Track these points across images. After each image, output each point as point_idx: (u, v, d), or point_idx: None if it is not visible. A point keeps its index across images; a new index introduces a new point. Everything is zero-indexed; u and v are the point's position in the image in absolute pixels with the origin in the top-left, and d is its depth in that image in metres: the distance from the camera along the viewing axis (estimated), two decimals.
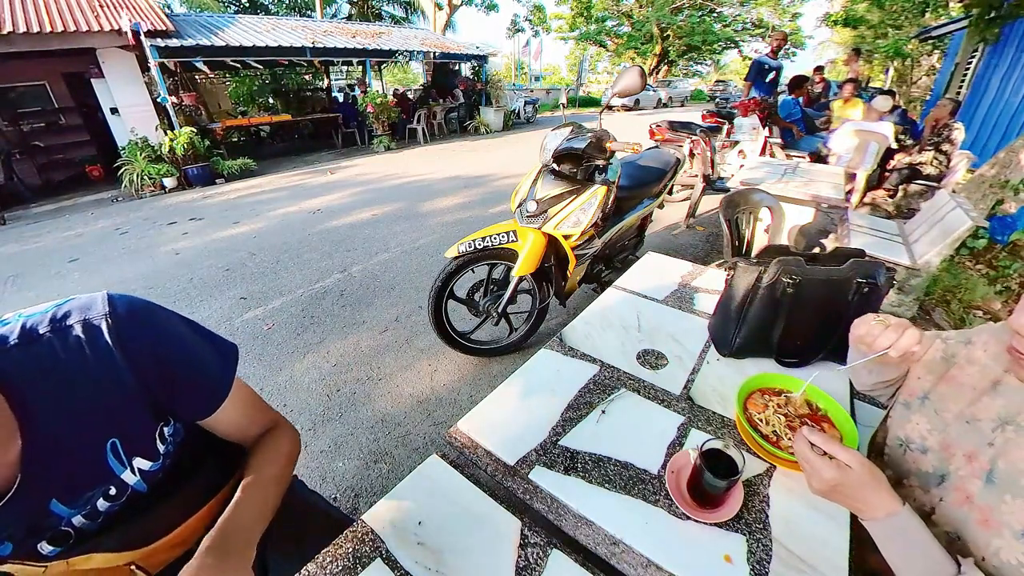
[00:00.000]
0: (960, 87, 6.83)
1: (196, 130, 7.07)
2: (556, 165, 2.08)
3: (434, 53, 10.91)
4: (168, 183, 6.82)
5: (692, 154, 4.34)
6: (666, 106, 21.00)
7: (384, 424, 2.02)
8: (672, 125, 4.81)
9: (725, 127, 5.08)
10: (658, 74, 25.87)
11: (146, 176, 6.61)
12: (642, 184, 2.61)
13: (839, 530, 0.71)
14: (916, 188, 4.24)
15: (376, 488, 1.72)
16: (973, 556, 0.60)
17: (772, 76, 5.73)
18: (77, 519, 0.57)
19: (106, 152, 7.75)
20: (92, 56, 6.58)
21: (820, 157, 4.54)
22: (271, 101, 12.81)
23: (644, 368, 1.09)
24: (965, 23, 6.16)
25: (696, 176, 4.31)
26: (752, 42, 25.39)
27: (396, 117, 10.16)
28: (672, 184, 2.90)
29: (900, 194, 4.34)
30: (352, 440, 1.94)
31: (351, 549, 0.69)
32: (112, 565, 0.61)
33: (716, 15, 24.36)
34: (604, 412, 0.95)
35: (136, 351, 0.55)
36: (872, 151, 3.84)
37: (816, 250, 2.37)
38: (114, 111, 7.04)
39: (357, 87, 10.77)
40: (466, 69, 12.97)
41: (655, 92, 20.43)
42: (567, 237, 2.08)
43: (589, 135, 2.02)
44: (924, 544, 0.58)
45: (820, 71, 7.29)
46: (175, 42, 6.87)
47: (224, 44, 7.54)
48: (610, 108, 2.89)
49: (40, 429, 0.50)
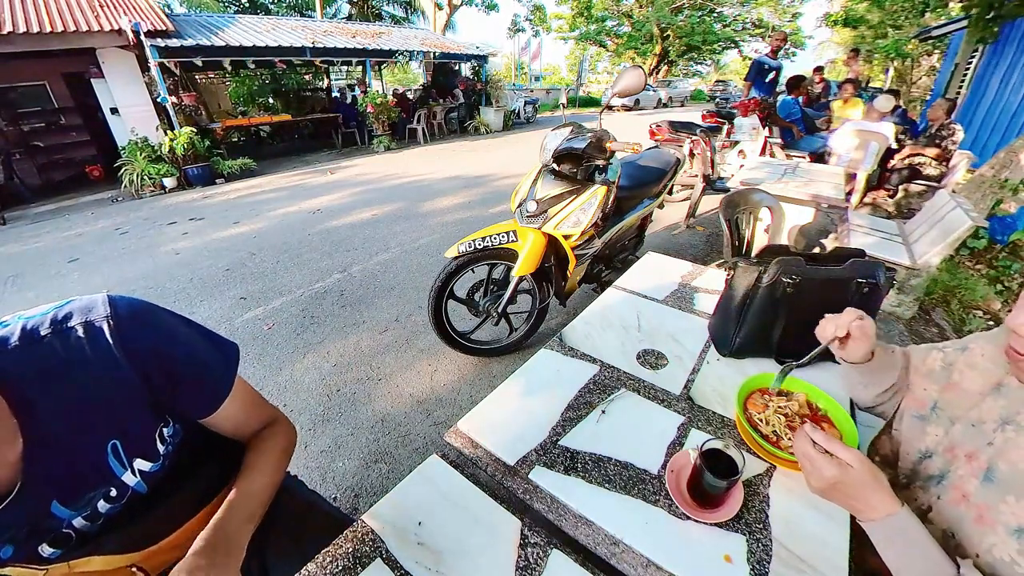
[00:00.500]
0: (960, 87, 6.83)
1: (196, 130, 7.07)
2: (556, 165, 2.08)
3: (434, 53, 10.91)
4: (168, 183, 6.82)
5: (692, 154, 4.34)
6: (666, 106, 21.00)
7: (384, 424, 2.02)
8: (672, 125, 4.81)
9: (725, 127, 5.08)
10: (658, 74, 25.87)
11: (146, 176, 6.61)
12: (642, 184, 2.61)
13: (839, 530, 0.71)
14: (916, 188, 4.25)
15: (376, 488, 1.72)
16: (968, 553, 0.60)
17: (772, 76, 5.73)
18: (78, 521, 0.57)
19: (106, 152, 7.74)
20: (92, 56, 6.58)
21: (820, 157, 4.54)
22: (271, 101, 12.80)
23: (644, 368, 1.09)
24: (965, 23, 6.16)
25: (696, 176, 4.30)
26: (752, 42, 25.41)
27: (396, 117, 10.17)
28: (672, 184, 2.90)
29: (900, 194, 4.35)
30: (352, 440, 1.94)
31: (351, 549, 0.69)
32: (113, 567, 0.61)
33: (716, 15, 24.36)
34: (604, 412, 0.95)
35: (137, 352, 0.55)
36: (872, 151, 3.85)
37: (816, 250, 2.37)
38: (114, 111, 7.04)
39: (357, 87, 10.77)
40: (466, 69, 12.96)
41: (655, 92, 20.43)
42: (567, 237, 2.08)
43: (589, 135, 2.01)
44: (923, 545, 0.58)
45: (820, 71, 7.29)
46: (175, 42, 6.86)
47: (224, 44, 7.54)
48: (610, 108, 2.88)
49: (41, 431, 0.50)
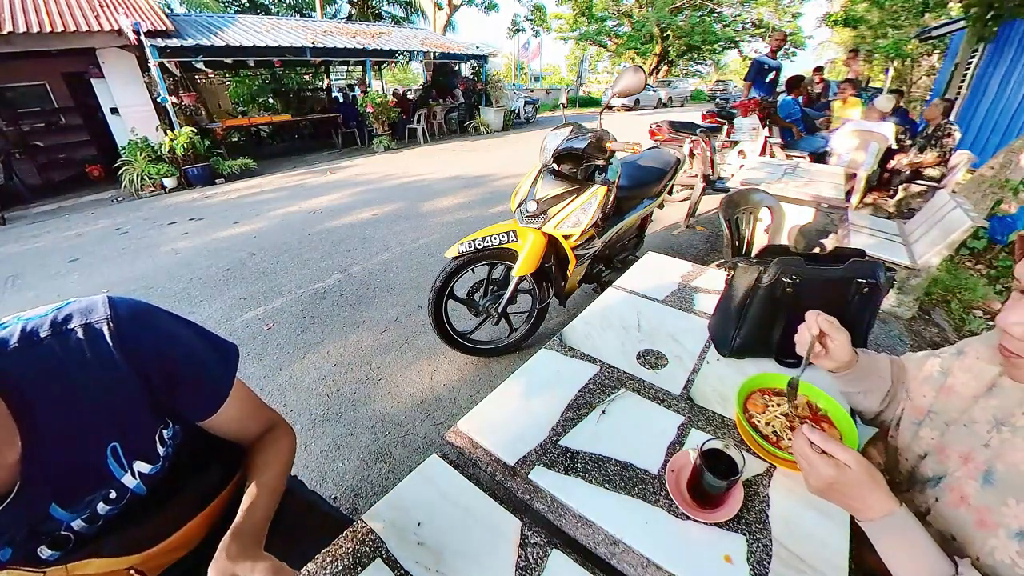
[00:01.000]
0: (960, 87, 6.82)
1: (196, 130, 7.07)
2: (556, 165, 2.08)
3: (434, 53, 10.91)
4: (168, 183, 6.82)
5: (692, 154, 4.34)
6: (666, 106, 21.00)
7: (384, 424, 2.02)
8: (672, 125, 4.82)
9: (725, 127, 5.08)
10: (658, 74, 25.87)
11: (146, 176, 6.61)
12: (642, 184, 2.61)
13: (839, 530, 0.71)
14: (916, 188, 4.25)
15: (376, 488, 1.72)
16: (968, 556, 0.60)
17: (772, 76, 5.73)
18: (77, 523, 0.57)
19: (106, 152, 7.74)
20: (92, 56, 6.58)
21: (820, 157, 4.54)
22: (271, 101, 12.80)
23: (644, 368, 1.09)
24: (965, 23, 6.16)
25: (696, 176, 4.30)
26: (752, 42, 25.42)
27: (396, 117, 10.17)
28: (672, 184, 2.90)
29: (900, 194, 4.35)
30: (352, 440, 1.94)
31: (351, 549, 0.69)
32: (111, 570, 0.61)
33: (716, 15, 24.37)
34: (604, 412, 0.95)
35: (138, 353, 0.55)
36: (872, 151, 3.85)
37: (816, 250, 2.37)
38: (114, 111, 7.04)
39: (357, 87, 10.78)
40: (466, 69, 12.96)
41: (655, 92, 20.43)
42: (567, 237, 2.08)
43: (589, 135, 2.01)
44: (921, 544, 0.58)
45: (820, 71, 7.30)
46: (175, 42, 6.86)
47: (224, 44, 7.54)
48: (610, 108, 2.88)
49: (40, 433, 0.50)
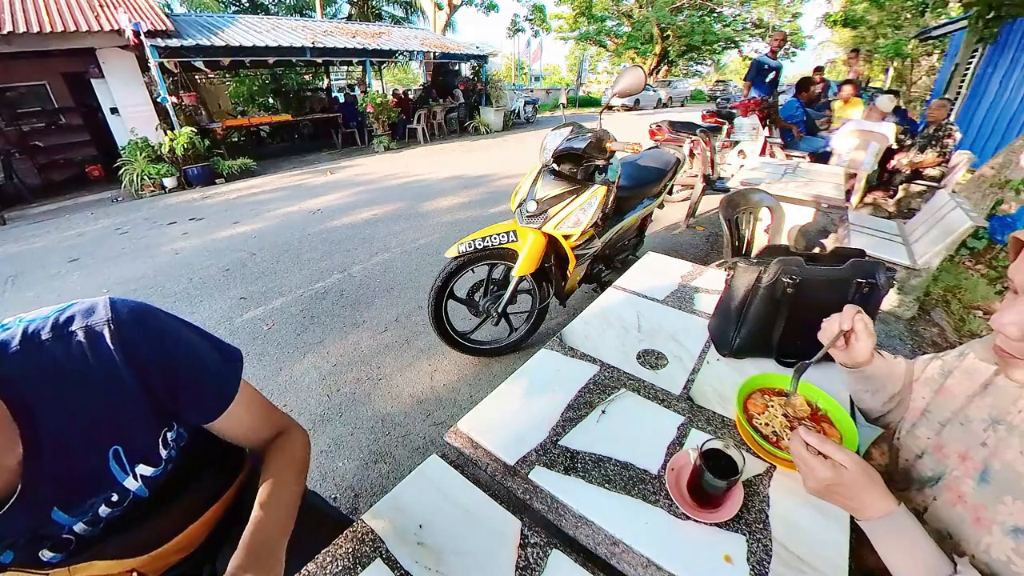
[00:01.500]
0: (960, 87, 6.82)
1: (196, 130, 7.07)
2: (556, 165, 2.08)
3: (434, 53, 10.91)
4: (168, 183, 6.82)
5: (692, 154, 4.34)
6: (666, 106, 21.00)
7: (384, 424, 2.02)
8: (672, 125, 4.81)
9: (725, 127, 5.07)
10: (658, 74, 25.87)
11: (146, 176, 6.61)
12: (642, 184, 2.61)
13: (839, 530, 0.71)
14: (916, 188, 4.25)
15: (376, 488, 1.72)
16: (965, 554, 0.60)
17: (772, 76, 5.72)
18: (78, 526, 0.57)
19: (106, 152, 7.75)
20: (92, 56, 6.58)
21: (820, 157, 4.54)
22: (271, 101, 12.83)
23: (644, 368, 1.09)
24: (965, 23, 6.16)
25: (696, 176, 4.30)
26: (752, 42, 25.43)
27: (396, 117, 10.17)
28: (672, 184, 2.90)
29: (900, 194, 4.35)
30: (352, 440, 1.94)
31: (351, 549, 0.69)
32: (113, 572, 0.61)
33: (716, 15, 24.37)
34: (604, 412, 0.95)
35: (139, 356, 0.55)
36: (873, 151, 3.85)
37: (816, 250, 2.37)
38: (114, 111, 7.05)
39: (357, 87, 10.79)
40: (466, 69, 12.96)
41: (655, 92, 20.43)
42: (567, 237, 2.08)
43: (589, 135, 2.01)
44: (921, 543, 0.58)
45: (820, 71, 7.30)
46: (175, 42, 6.86)
47: (224, 44, 7.54)
48: (610, 108, 2.88)
49: (42, 436, 0.50)
